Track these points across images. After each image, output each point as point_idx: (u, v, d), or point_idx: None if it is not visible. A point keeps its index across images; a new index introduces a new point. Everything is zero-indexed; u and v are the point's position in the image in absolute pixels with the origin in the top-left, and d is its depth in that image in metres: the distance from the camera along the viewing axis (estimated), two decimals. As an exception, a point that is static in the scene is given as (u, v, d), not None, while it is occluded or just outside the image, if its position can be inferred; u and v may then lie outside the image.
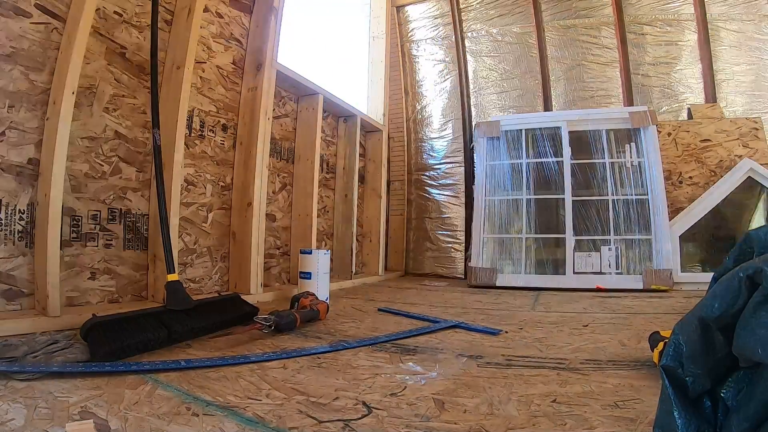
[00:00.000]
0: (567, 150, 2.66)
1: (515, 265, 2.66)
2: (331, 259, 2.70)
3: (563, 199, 2.62)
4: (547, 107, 3.18)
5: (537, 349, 1.11)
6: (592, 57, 3.10)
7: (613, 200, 2.55)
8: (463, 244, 3.25)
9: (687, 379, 0.43)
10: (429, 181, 3.47)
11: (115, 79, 1.47)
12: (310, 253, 1.80)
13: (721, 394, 0.42)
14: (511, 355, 1.05)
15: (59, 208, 1.21)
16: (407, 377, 0.87)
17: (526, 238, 2.66)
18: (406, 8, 3.55)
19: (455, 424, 0.65)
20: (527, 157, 2.76)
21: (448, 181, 3.39)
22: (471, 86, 3.41)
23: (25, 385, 0.76)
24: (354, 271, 2.71)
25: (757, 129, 2.58)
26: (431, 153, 3.50)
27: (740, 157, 2.54)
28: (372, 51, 3.27)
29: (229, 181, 1.92)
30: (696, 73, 2.88)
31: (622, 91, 3.02)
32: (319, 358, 1.01)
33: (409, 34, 3.58)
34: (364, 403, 0.73)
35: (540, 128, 2.77)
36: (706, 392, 0.43)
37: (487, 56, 3.36)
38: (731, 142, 2.60)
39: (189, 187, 1.74)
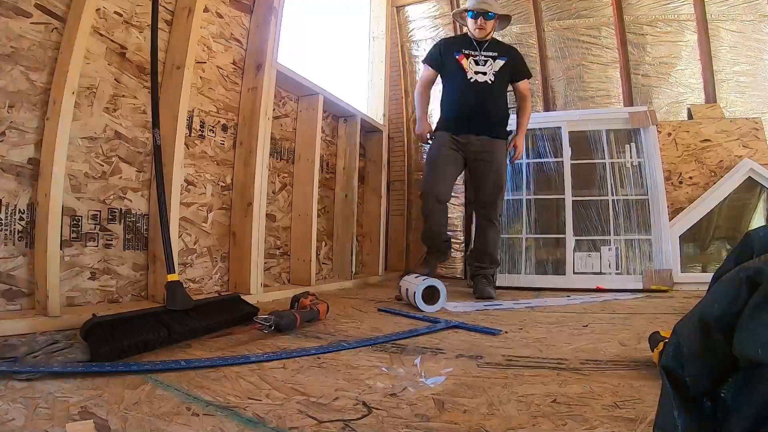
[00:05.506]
0: (567, 150, 2.66)
1: (515, 265, 2.66)
2: (331, 259, 2.71)
3: (563, 199, 2.62)
4: (547, 107, 3.17)
5: (537, 349, 1.11)
6: (592, 57, 3.10)
7: (613, 200, 2.56)
8: (463, 244, 3.25)
9: (687, 379, 0.43)
10: (429, 182, 3.46)
11: (115, 79, 1.47)
12: None
13: (721, 395, 0.42)
14: (511, 355, 1.05)
15: (59, 208, 1.21)
16: (407, 377, 0.87)
17: (526, 238, 2.66)
18: (406, 8, 3.55)
19: (455, 424, 0.65)
20: (527, 157, 2.76)
21: (448, 181, 3.38)
22: (471, 86, 3.41)
23: (25, 385, 0.76)
24: (354, 271, 2.71)
25: (757, 129, 2.58)
26: (431, 153, 3.49)
27: (740, 157, 2.54)
28: (372, 51, 3.27)
29: (229, 181, 1.92)
30: (696, 73, 2.88)
31: (622, 91, 3.01)
32: (319, 358, 1.01)
33: (409, 35, 3.58)
34: (364, 403, 0.73)
35: (540, 128, 2.77)
36: (706, 392, 0.43)
37: (487, 56, 3.35)
38: (731, 142, 2.60)
39: (189, 187, 1.74)
